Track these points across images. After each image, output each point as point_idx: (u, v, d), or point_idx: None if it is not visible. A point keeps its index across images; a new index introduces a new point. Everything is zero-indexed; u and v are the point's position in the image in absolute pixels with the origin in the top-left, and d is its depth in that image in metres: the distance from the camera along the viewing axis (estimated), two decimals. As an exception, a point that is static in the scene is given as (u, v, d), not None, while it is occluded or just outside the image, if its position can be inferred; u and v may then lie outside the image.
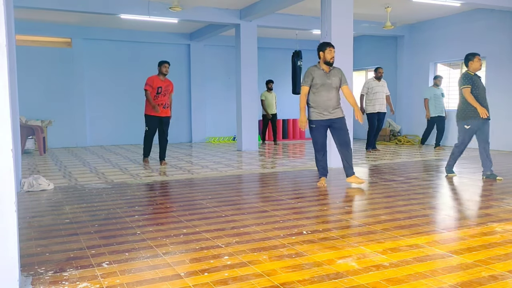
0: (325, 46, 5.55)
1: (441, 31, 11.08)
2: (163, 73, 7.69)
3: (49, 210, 4.52)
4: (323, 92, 5.53)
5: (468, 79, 6.09)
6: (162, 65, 7.73)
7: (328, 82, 5.54)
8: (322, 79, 5.52)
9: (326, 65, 5.56)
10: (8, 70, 2.31)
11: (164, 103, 7.69)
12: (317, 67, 5.60)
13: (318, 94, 5.54)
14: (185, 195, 5.26)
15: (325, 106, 5.54)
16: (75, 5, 8.56)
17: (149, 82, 7.62)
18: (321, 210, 4.40)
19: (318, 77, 5.53)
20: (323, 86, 5.53)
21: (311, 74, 5.55)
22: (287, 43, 13.52)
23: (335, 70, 5.63)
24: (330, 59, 5.51)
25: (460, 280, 2.57)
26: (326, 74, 5.56)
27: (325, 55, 5.53)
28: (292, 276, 2.66)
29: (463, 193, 5.49)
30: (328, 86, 5.54)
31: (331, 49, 5.52)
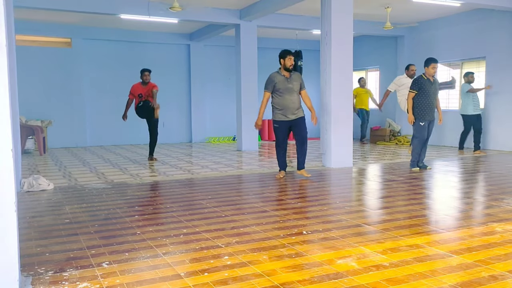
0: (286, 54, 6.10)
1: (441, 31, 11.08)
2: (144, 81, 8.28)
3: (49, 210, 4.52)
4: (286, 95, 6.09)
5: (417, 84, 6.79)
6: (143, 74, 8.30)
7: (290, 87, 6.09)
8: (283, 84, 6.07)
9: (286, 71, 6.11)
10: (8, 70, 2.31)
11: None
12: (278, 73, 6.14)
13: (282, 97, 6.10)
14: (185, 195, 5.26)
15: (289, 108, 6.10)
16: (75, 5, 8.56)
17: (131, 90, 8.38)
18: (321, 210, 4.40)
19: (280, 82, 6.07)
20: (286, 90, 6.08)
21: (273, 80, 6.09)
22: (287, 43, 13.50)
23: (295, 75, 6.19)
24: (290, 66, 6.08)
25: (460, 280, 2.57)
26: (287, 79, 6.10)
27: (285, 62, 6.09)
28: (292, 276, 2.66)
29: (463, 193, 5.49)
30: (290, 90, 6.10)
31: (290, 57, 6.08)
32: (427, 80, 6.77)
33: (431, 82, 6.79)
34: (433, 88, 6.81)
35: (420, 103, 6.80)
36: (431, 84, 6.79)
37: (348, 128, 7.47)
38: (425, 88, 6.73)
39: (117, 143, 12.28)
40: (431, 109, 6.84)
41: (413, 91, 6.81)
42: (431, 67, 6.72)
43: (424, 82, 6.76)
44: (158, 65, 12.59)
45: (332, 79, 7.24)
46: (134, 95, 8.30)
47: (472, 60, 10.59)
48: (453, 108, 10.99)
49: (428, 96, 6.75)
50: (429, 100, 6.77)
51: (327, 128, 7.38)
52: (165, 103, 12.67)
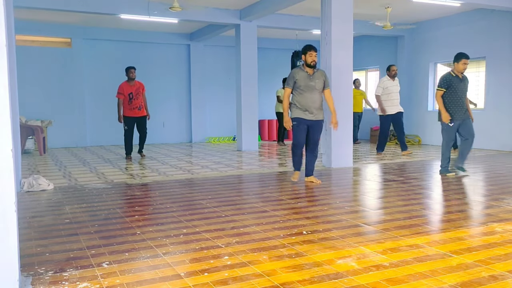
0: (306, 49, 5.66)
1: (441, 31, 11.08)
2: (130, 78, 8.44)
3: (49, 210, 4.52)
4: (306, 93, 5.68)
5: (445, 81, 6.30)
6: (129, 70, 8.48)
7: (311, 84, 5.66)
8: (305, 81, 5.65)
9: (309, 68, 5.68)
10: (8, 70, 2.31)
11: (138, 105, 8.54)
12: (300, 69, 5.72)
13: (302, 95, 5.69)
14: (185, 195, 5.26)
15: (308, 107, 5.69)
16: (75, 5, 8.56)
17: (120, 90, 8.50)
18: (321, 210, 4.40)
19: (301, 79, 5.65)
20: (307, 88, 5.67)
21: (295, 76, 5.68)
22: (287, 43, 13.52)
23: (318, 73, 5.75)
24: (311, 62, 5.63)
25: (460, 280, 2.57)
26: (309, 77, 5.67)
27: (306, 58, 5.67)
28: (292, 276, 2.66)
29: (463, 193, 5.49)
30: (311, 88, 5.67)
31: (311, 53, 5.62)
32: (456, 77, 6.26)
33: (460, 79, 6.27)
34: (463, 86, 6.29)
35: (449, 102, 6.27)
36: (460, 81, 6.27)
37: (348, 128, 7.47)
38: (454, 85, 6.22)
39: (117, 143, 12.27)
40: (461, 108, 6.27)
41: (441, 89, 6.28)
42: (462, 62, 6.20)
43: (453, 79, 6.24)
44: (158, 65, 12.61)
45: (332, 79, 7.24)
46: (125, 95, 8.44)
47: (472, 60, 10.56)
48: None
49: (457, 94, 6.22)
50: (458, 99, 6.24)
51: (327, 128, 7.37)
52: (165, 103, 12.69)
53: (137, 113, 8.56)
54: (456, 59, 6.32)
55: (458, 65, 6.27)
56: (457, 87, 6.26)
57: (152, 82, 12.04)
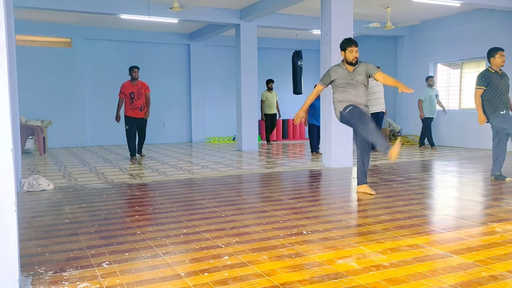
0: (346, 45, 5.02)
1: (441, 31, 11.08)
2: (133, 77, 8.36)
3: (49, 210, 4.52)
4: (350, 89, 5.03)
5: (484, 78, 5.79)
6: (132, 70, 8.39)
7: (353, 82, 5.04)
8: (345, 79, 5.04)
9: (350, 65, 5.05)
10: (8, 70, 2.31)
11: (140, 105, 8.43)
12: (340, 66, 5.12)
13: (345, 92, 5.04)
14: (185, 195, 5.26)
15: (356, 102, 5.01)
16: (75, 5, 8.56)
17: (122, 89, 8.43)
18: (321, 210, 4.40)
19: (341, 77, 5.05)
20: (348, 84, 5.04)
21: (332, 75, 5.09)
22: (287, 43, 13.52)
23: (359, 68, 5.07)
24: (352, 59, 4.98)
25: (460, 280, 2.57)
26: (350, 74, 5.05)
27: (346, 55, 5.03)
28: (292, 276, 2.65)
29: (463, 193, 5.49)
30: (354, 85, 5.04)
31: (352, 49, 4.97)
32: (495, 73, 5.78)
33: (499, 75, 5.79)
34: (504, 82, 5.78)
35: (491, 98, 5.74)
36: (500, 77, 5.79)
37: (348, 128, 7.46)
38: (494, 82, 5.74)
39: (117, 143, 12.27)
40: (505, 104, 5.73)
41: (481, 87, 5.76)
42: (498, 55, 5.73)
43: (492, 76, 5.76)
44: (158, 65, 12.61)
45: (332, 79, 7.24)
46: (126, 94, 8.35)
47: (472, 60, 10.58)
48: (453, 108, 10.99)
49: (498, 90, 5.73)
50: (501, 95, 5.73)
51: (327, 128, 7.37)
52: (165, 103, 12.68)
53: (138, 114, 8.45)
54: (490, 54, 5.86)
55: (494, 60, 5.80)
56: (498, 83, 5.78)
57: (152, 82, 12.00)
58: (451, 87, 11.11)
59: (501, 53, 5.74)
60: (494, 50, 5.82)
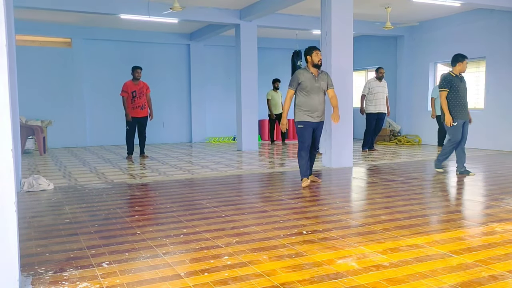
0: (312, 49, 5.60)
1: (441, 31, 11.08)
2: (136, 77, 8.44)
3: (49, 210, 4.52)
4: (313, 95, 5.59)
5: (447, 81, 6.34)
6: (135, 70, 8.46)
7: (317, 86, 5.59)
8: (311, 83, 5.57)
9: (315, 68, 5.60)
10: (8, 70, 2.31)
11: (141, 104, 8.50)
12: (306, 70, 5.63)
13: (308, 97, 5.59)
14: (185, 195, 5.26)
15: (316, 109, 5.62)
16: (75, 5, 8.56)
17: (124, 88, 8.47)
18: (321, 210, 4.40)
19: (306, 80, 5.56)
20: (313, 90, 5.58)
21: (299, 77, 5.57)
22: (287, 43, 13.52)
23: (323, 74, 5.69)
24: (318, 61, 5.56)
25: (460, 280, 2.57)
26: (315, 78, 5.60)
27: (312, 59, 5.57)
28: (292, 276, 2.66)
29: (463, 193, 5.49)
30: (317, 89, 5.61)
31: (317, 52, 5.58)
32: (456, 77, 6.33)
33: (460, 79, 6.34)
34: (463, 86, 6.34)
35: (451, 102, 6.29)
36: (461, 81, 6.33)
37: (348, 128, 7.48)
38: (456, 85, 6.27)
39: (117, 143, 12.27)
40: (464, 108, 6.31)
41: (445, 89, 6.30)
42: (464, 63, 6.33)
43: (453, 79, 6.30)
44: (158, 65, 12.61)
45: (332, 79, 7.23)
46: (128, 92, 8.43)
47: (472, 60, 10.58)
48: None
49: (458, 94, 6.27)
50: (461, 98, 6.29)
51: (327, 128, 7.37)
52: (165, 103, 12.68)
53: (139, 113, 8.52)
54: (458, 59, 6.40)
55: (462, 65, 6.35)
56: (458, 87, 6.30)
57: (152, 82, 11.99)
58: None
59: (466, 61, 6.40)
60: (462, 57, 6.40)
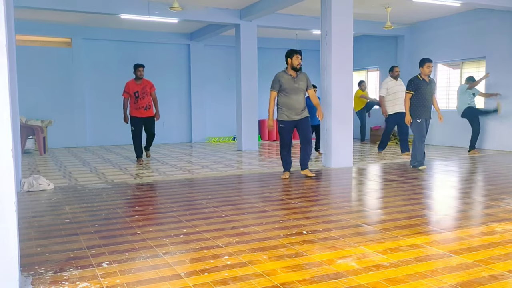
0: (293, 53, 6.03)
1: (441, 31, 11.08)
2: (138, 76, 8.01)
3: (49, 210, 4.52)
4: (292, 95, 6.04)
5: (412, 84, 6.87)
6: (137, 69, 8.01)
7: (296, 86, 6.03)
8: (290, 84, 6.01)
9: (293, 71, 6.05)
10: (8, 70, 2.31)
11: (145, 105, 8.07)
12: (284, 73, 6.08)
13: (288, 97, 6.05)
14: (185, 195, 5.26)
15: (294, 108, 6.06)
16: (75, 5, 8.56)
17: (125, 89, 8.05)
18: (321, 210, 4.40)
19: (286, 82, 6.01)
20: (292, 90, 6.02)
21: (280, 80, 6.02)
22: (287, 43, 13.50)
23: (301, 75, 6.11)
24: (297, 65, 6.01)
25: (460, 280, 2.57)
26: (293, 79, 6.04)
27: (292, 62, 6.02)
28: (292, 276, 2.66)
29: (463, 193, 5.49)
30: (297, 90, 6.04)
31: (298, 56, 6.01)
32: (423, 80, 6.85)
33: (426, 82, 6.86)
34: (429, 89, 6.89)
35: (416, 103, 6.88)
36: (427, 84, 6.87)
37: (348, 128, 7.47)
38: (421, 88, 6.82)
39: (117, 143, 12.28)
40: (427, 108, 6.91)
41: (410, 91, 6.89)
42: (426, 66, 6.78)
43: (420, 83, 6.84)
44: (158, 65, 12.61)
45: (332, 79, 7.25)
46: (130, 93, 8.00)
47: (472, 60, 10.58)
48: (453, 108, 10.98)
49: (423, 96, 6.84)
50: (425, 100, 6.86)
51: (327, 128, 7.38)
52: (165, 103, 12.66)
53: (143, 113, 8.06)
54: (420, 64, 6.87)
55: (423, 69, 6.83)
56: (424, 89, 6.84)
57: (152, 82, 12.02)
58: (451, 87, 11.11)
59: (429, 65, 6.80)
60: (424, 61, 6.83)
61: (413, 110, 6.90)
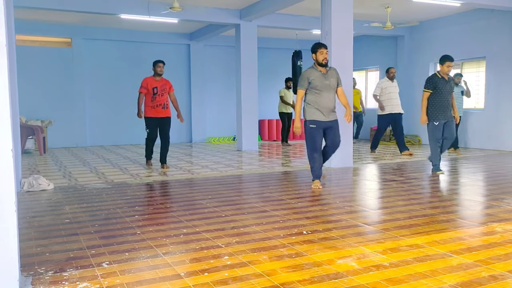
0: (317, 47, 5.43)
1: (441, 31, 11.08)
2: (157, 73, 7.34)
3: (49, 210, 4.52)
4: (324, 93, 5.40)
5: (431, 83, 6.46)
6: (156, 65, 7.37)
7: (327, 83, 5.41)
8: (320, 81, 5.39)
9: (321, 67, 5.44)
10: (8, 70, 2.31)
11: (163, 103, 7.33)
12: (314, 69, 5.47)
13: (319, 95, 5.40)
14: (185, 195, 5.26)
15: (326, 107, 5.42)
16: (75, 5, 8.56)
17: (143, 84, 7.34)
18: (321, 210, 4.40)
19: (316, 78, 5.39)
20: (323, 87, 5.40)
21: (308, 76, 5.40)
22: (287, 43, 13.52)
23: (331, 71, 5.52)
24: (322, 60, 5.39)
25: (460, 280, 2.57)
26: (324, 75, 5.42)
27: (317, 57, 5.42)
28: (292, 276, 2.66)
29: (463, 193, 5.49)
30: (328, 87, 5.42)
31: (322, 51, 5.39)
32: (442, 78, 6.43)
33: (445, 81, 6.44)
34: (448, 87, 6.45)
35: (434, 103, 6.42)
36: (446, 82, 6.44)
37: (348, 128, 7.47)
38: (440, 86, 6.38)
39: (117, 143, 12.28)
40: (446, 109, 6.42)
41: (428, 90, 6.44)
42: (446, 65, 6.40)
43: (438, 81, 6.41)
44: (158, 65, 12.61)
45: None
46: (148, 89, 7.27)
47: (472, 60, 10.58)
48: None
49: (442, 95, 6.38)
50: (444, 100, 6.40)
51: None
52: (165, 103, 12.69)
53: (160, 113, 7.31)
54: (440, 61, 6.50)
55: (442, 67, 6.45)
56: (443, 88, 6.41)
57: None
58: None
59: (449, 63, 6.41)
60: (444, 59, 6.45)
61: (431, 111, 6.43)
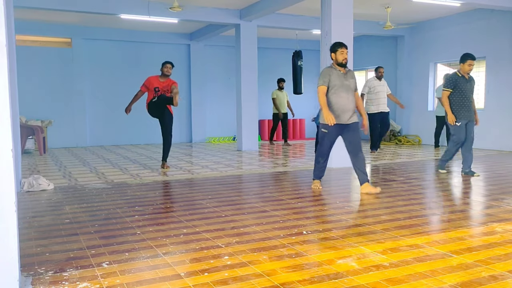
0: (337, 46, 5.23)
1: (441, 31, 11.08)
2: (164, 73, 7.21)
3: (49, 210, 4.52)
4: (342, 93, 5.19)
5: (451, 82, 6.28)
6: (164, 65, 7.27)
7: (346, 84, 5.22)
8: (340, 80, 5.19)
9: (341, 67, 5.26)
10: (8, 70, 2.31)
11: None
12: (333, 68, 5.28)
13: (337, 95, 5.18)
14: (185, 195, 5.26)
15: (345, 109, 5.19)
16: (75, 5, 8.56)
17: (146, 82, 7.26)
18: (321, 210, 4.40)
19: (336, 78, 5.19)
20: (343, 87, 5.19)
21: (329, 74, 5.20)
22: (287, 43, 13.52)
23: (351, 73, 5.36)
24: (342, 60, 5.19)
25: (460, 280, 2.57)
26: (343, 75, 5.24)
27: (336, 57, 5.22)
28: (292, 276, 2.66)
29: (463, 193, 5.49)
30: (347, 88, 5.21)
31: (343, 50, 5.19)
32: (462, 77, 6.24)
33: (466, 79, 6.24)
34: (469, 86, 6.26)
35: (456, 102, 6.23)
36: (466, 81, 6.24)
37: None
38: (460, 85, 6.20)
39: (117, 143, 12.28)
40: (468, 109, 6.23)
41: (448, 89, 6.25)
42: (467, 64, 6.19)
43: (459, 79, 6.22)
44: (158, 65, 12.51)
45: (332, 79, 7.24)
46: (149, 88, 7.18)
47: (472, 60, 10.57)
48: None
49: (463, 94, 6.20)
50: (465, 99, 6.22)
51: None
52: (165, 103, 12.69)
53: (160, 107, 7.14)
54: (462, 60, 6.29)
55: (464, 66, 6.24)
56: (464, 87, 6.21)
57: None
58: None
59: (471, 62, 6.21)
60: (465, 58, 6.26)
61: (453, 110, 6.27)
